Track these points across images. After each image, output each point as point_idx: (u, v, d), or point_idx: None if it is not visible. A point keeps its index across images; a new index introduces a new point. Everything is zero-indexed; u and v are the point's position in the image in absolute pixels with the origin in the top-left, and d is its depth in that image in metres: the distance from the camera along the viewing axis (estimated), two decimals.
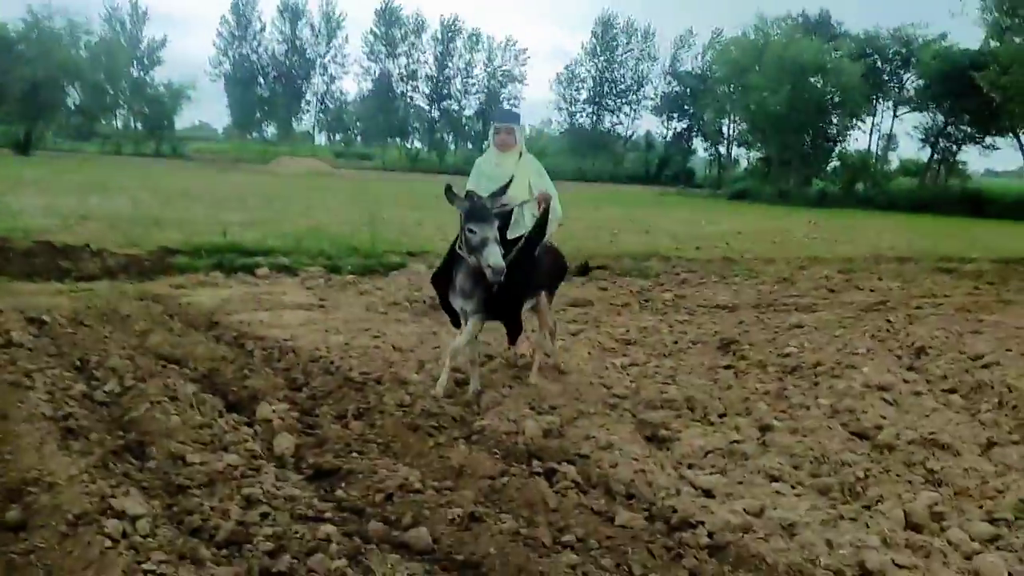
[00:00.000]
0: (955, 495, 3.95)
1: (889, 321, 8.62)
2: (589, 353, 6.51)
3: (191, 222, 13.78)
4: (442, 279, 5.09)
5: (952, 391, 5.88)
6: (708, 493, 3.78)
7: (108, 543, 2.84)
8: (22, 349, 5.40)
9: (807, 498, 3.78)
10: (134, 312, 6.88)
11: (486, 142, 5.59)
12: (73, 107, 52.05)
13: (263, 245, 11.08)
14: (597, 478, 3.82)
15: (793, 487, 3.92)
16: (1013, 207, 36.83)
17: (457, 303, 4.94)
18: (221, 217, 15.07)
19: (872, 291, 11.08)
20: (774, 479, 4.00)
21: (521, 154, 5.22)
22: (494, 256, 4.35)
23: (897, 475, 4.15)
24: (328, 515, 3.18)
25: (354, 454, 3.87)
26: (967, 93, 35.67)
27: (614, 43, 77.46)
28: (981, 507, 3.80)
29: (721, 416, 4.99)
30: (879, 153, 50.16)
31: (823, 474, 4.10)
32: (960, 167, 48.40)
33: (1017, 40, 16.75)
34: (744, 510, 3.57)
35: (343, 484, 3.57)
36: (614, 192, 46.58)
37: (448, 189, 4.53)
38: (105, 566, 2.74)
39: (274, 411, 4.39)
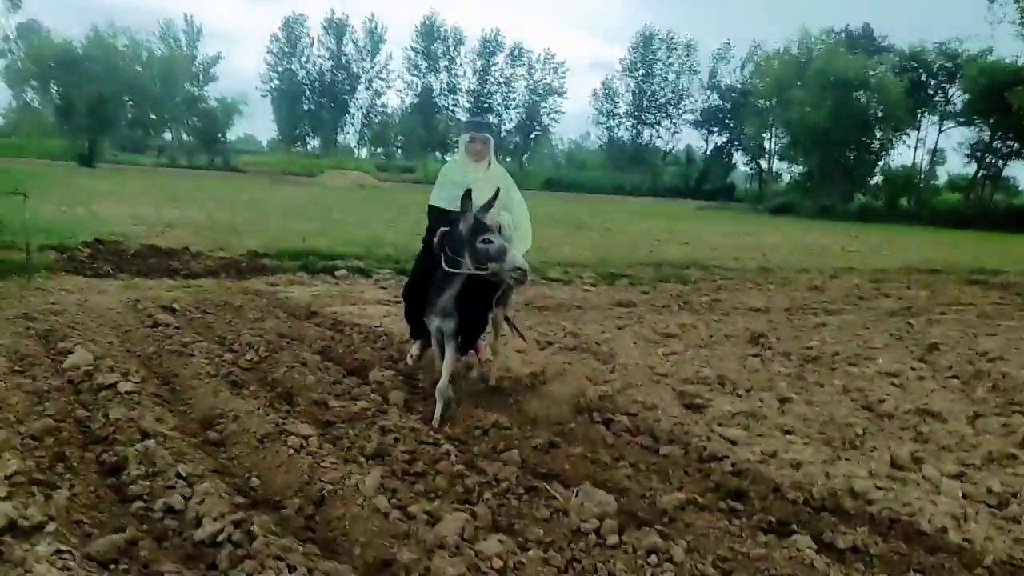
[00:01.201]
0: (937, 448, 4.85)
1: (909, 323, 9.46)
2: (634, 343, 7.48)
3: (265, 230, 15.12)
4: (413, 294, 5.09)
5: (954, 378, 6.75)
6: (733, 442, 4.75)
7: (291, 452, 3.94)
8: (170, 328, 6.61)
9: (813, 446, 4.73)
10: (244, 303, 8.09)
11: (451, 154, 5.73)
12: (134, 121, 54.64)
13: (336, 250, 12.30)
14: (644, 427, 4.83)
15: (803, 439, 4.87)
16: None
17: (434, 323, 4.78)
18: (289, 226, 16.43)
19: (900, 299, 11.85)
20: (787, 432, 4.95)
21: (490, 163, 5.12)
22: (518, 258, 4.33)
23: (891, 433, 5.08)
24: (443, 442, 4.24)
25: (452, 406, 4.92)
26: (1012, 108, 35.79)
27: (654, 57, 78.19)
28: (956, 457, 4.70)
29: (748, 390, 5.94)
30: (927, 168, 50.24)
31: (829, 432, 5.04)
32: (1009, 182, 48.25)
33: None
34: (761, 451, 4.54)
35: (449, 424, 4.63)
36: (654, 205, 47.37)
37: (467, 195, 4.42)
38: (292, 466, 3.83)
39: (383, 376, 5.49)
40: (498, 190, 4.67)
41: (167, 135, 69.68)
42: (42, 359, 5.49)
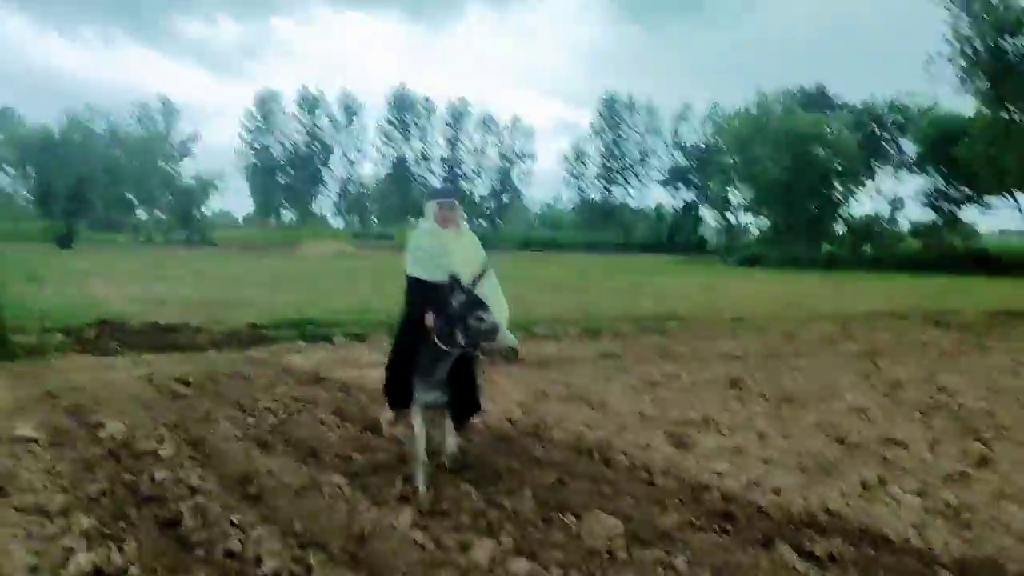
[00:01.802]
0: (901, 471, 5.41)
1: (875, 364, 10.12)
2: (622, 392, 8.02)
3: (256, 303, 15.56)
4: (399, 367, 5.01)
5: (916, 410, 7.35)
6: (720, 473, 5.27)
7: (328, 499, 4.41)
8: (189, 398, 7.05)
9: (791, 474, 5.26)
10: (253, 373, 8.53)
11: (419, 219, 5.24)
12: (111, 201, 55.15)
13: (330, 318, 12.79)
14: (640, 464, 5.34)
15: (782, 468, 5.40)
16: (1018, 264, 38.21)
17: (430, 397, 4.72)
18: (279, 297, 16.91)
19: (866, 342, 12.54)
20: (767, 463, 5.49)
21: (459, 229, 5.05)
22: (511, 338, 4.39)
23: (860, 460, 5.63)
24: (462, 484, 4.73)
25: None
26: (958, 161, 37.63)
27: (618, 120, 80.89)
28: (917, 477, 5.26)
29: (730, 429, 6.49)
30: (888, 216, 52.05)
31: (804, 461, 5.58)
32: (965, 227, 50.04)
33: (986, 111, 18.47)
34: (746, 479, 5.07)
35: (466, 470, 5.11)
36: (627, 261, 48.47)
37: (454, 281, 4.53)
38: (331, 511, 4.30)
39: (396, 431, 5.96)
40: (486, 263, 4.74)
41: (142, 214, 70.18)
42: (78, 432, 5.91)
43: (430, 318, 4.62)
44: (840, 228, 50.63)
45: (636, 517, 4.29)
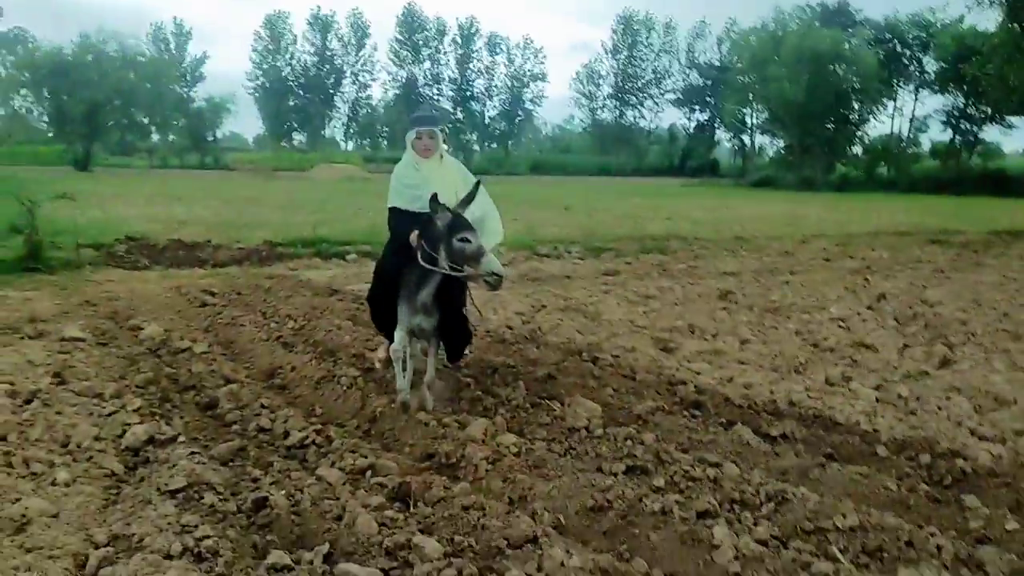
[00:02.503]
0: (866, 371, 5.94)
1: (866, 279, 10.56)
2: (618, 304, 8.54)
3: (272, 223, 16.06)
4: (381, 297, 4.98)
5: (894, 320, 7.84)
6: (698, 372, 5.81)
7: (344, 389, 5.00)
8: (216, 306, 7.64)
9: (763, 373, 5.81)
10: (272, 286, 9.11)
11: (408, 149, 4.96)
12: (126, 125, 55.24)
13: (343, 238, 13.30)
14: (625, 364, 5.89)
15: (756, 368, 5.94)
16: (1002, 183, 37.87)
17: (414, 321, 4.61)
18: (293, 218, 17.39)
19: (862, 259, 12.96)
20: (743, 364, 6.03)
21: (442, 157, 4.94)
22: (495, 263, 4.26)
23: (829, 361, 6.16)
24: (464, 377, 5.30)
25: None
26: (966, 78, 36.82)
27: (634, 39, 78.94)
28: (879, 375, 5.79)
29: (714, 335, 7.02)
30: (909, 136, 51.29)
31: (778, 363, 6.11)
32: (987, 147, 49.22)
33: (1005, 25, 18.00)
34: (720, 377, 5.62)
35: (467, 364, 5.68)
36: (639, 185, 48.40)
37: (434, 199, 4.26)
38: (347, 398, 4.89)
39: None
40: (478, 182, 4.64)
41: (155, 137, 70.23)
42: (120, 333, 6.53)
43: (415, 236, 4.48)
44: (857, 149, 50.05)
45: (615, 404, 4.86)
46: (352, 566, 2.86)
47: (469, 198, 4.51)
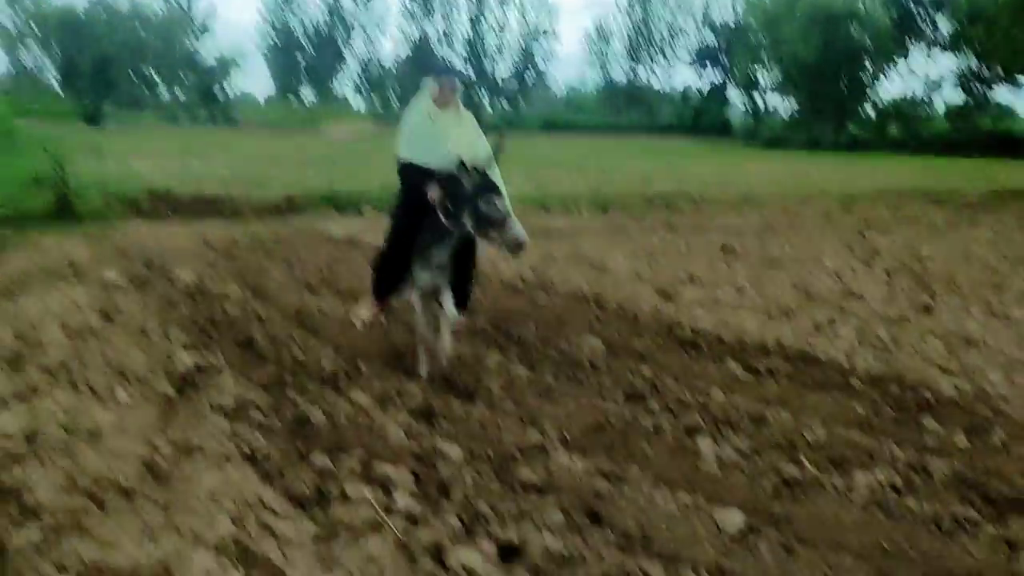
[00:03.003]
0: (851, 316, 6.35)
1: (863, 235, 10.91)
2: (623, 257, 8.94)
3: (287, 178, 16.41)
4: (395, 255, 4.79)
5: (885, 272, 8.22)
6: (695, 317, 6.25)
7: (368, 328, 5.46)
8: (242, 257, 8.10)
9: (756, 318, 6.23)
10: (292, 238, 9.55)
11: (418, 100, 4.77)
12: (137, 80, 55.28)
13: (359, 193, 13.68)
14: (628, 309, 6.33)
15: (749, 313, 6.36)
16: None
17: (426, 278, 4.54)
18: (308, 174, 17.73)
19: (863, 218, 13.27)
20: (738, 309, 6.45)
21: (459, 109, 4.73)
22: (519, 229, 4.10)
23: (819, 308, 6.57)
24: (479, 321, 5.75)
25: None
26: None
27: None
28: (862, 319, 6.20)
29: (712, 285, 7.43)
30: (923, 97, 50.73)
31: (772, 310, 6.53)
32: (1000, 109, 48.67)
33: None
34: (715, 320, 6.05)
35: (480, 312, 6.13)
36: (651, 144, 48.27)
37: (461, 163, 4.21)
38: (371, 335, 5.36)
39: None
40: (502, 137, 4.55)
41: (164, 93, 70.03)
42: (156, 278, 6.99)
43: (434, 191, 4.34)
44: (868, 110, 49.64)
45: (617, 342, 5.31)
46: (387, 466, 3.34)
47: (497, 153, 4.38)
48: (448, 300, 4.60)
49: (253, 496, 3.08)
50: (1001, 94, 46.41)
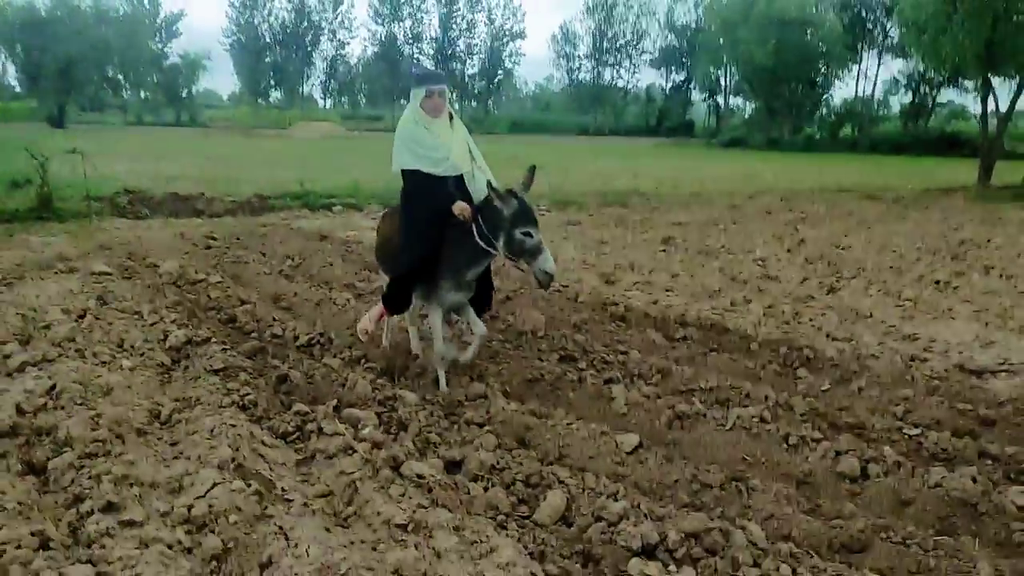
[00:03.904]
0: (766, 296, 7.22)
1: (796, 228, 11.85)
2: (574, 247, 9.75)
3: (257, 178, 16.97)
4: (419, 268, 4.51)
5: (807, 260, 9.13)
6: (630, 298, 7.06)
7: (338, 308, 6.18)
8: (219, 248, 8.75)
9: (683, 298, 7.07)
10: (267, 232, 10.20)
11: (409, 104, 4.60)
12: (101, 81, 54.95)
13: (329, 191, 14.35)
14: (571, 291, 7.13)
15: (678, 295, 7.20)
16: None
17: (456, 297, 4.53)
18: (278, 174, 18.29)
19: (801, 212, 14.24)
20: (668, 291, 7.29)
21: (452, 117, 4.59)
22: (550, 262, 4.13)
23: (739, 290, 7.44)
24: None
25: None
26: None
27: (614, 0, 78.96)
28: (774, 298, 7.07)
29: (650, 272, 8.27)
30: (879, 99, 52.57)
31: (698, 291, 7.38)
32: (951, 109, 50.62)
33: None
34: (647, 300, 6.87)
35: None
36: (614, 145, 49.35)
37: (490, 185, 4.23)
38: (342, 315, 6.08)
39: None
40: (533, 167, 4.52)
41: (127, 94, 69.56)
42: (141, 269, 7.63)
43: (461, 206, 4.28)
44: (823, 112, 51.32)
45: (558, 316, 6.11)
46: (355, 411, 4.08)
47: (528, 183, 4.38)
48: (473, 315, 4.64)
49: (246, 432, 3.79)
50: (959, 96, 48.19)
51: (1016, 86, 19.81)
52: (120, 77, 58.04)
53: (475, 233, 4.27)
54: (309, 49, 79.36)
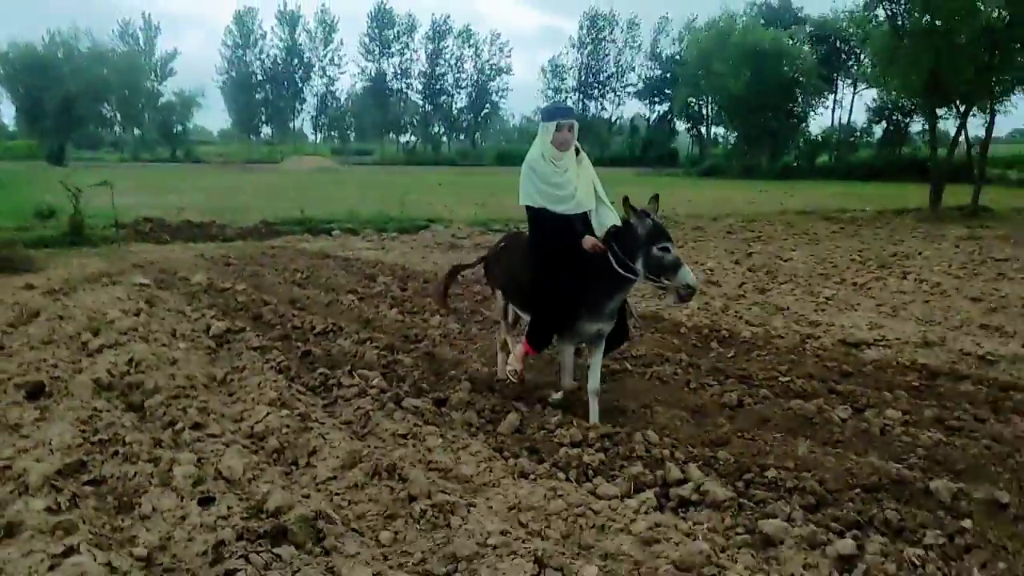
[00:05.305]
0: (707, 297, 8.54)
1: (749, 245, 13.24)
2: None
3: (260, 208, 18.34)
4: (559, 302, 4.51)
5: (749, 270, 10.50)
6: None
7: (344, 307, 7.47)
8: (237, 266, 10.05)
9: (633, 299, 8.38)
10: (276, 253, 11.52)
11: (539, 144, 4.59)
12: (99, 119, 56.51)
13: (328, 218, 15.71)
14: None
15: (630, 297, 8.51)
16: (953, 173, 41.27)
17: (594, 328, 4.55)
18: (279, 204, 19.65)
19: (759, 233, 15.66)
20: None
21: (578, 152, 4.66)
22: (690, 275, 4.15)
23: None
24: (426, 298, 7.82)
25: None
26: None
27: (598, 36, 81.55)
28: (712, 298, 8.40)
29: None
30: (861, 126, 54.66)
31: (648, 293, 8.70)
32: (933, 136, 52.71)
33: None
34: None
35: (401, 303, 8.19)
36: (600, 173, 50.96)
37: (626, 201, 4.26)
38: (350, 312, 7.37)
39: (387, 280, 9.01)
40: (656, 196, 4.56)
41: (122, 131, 71.09)
42: (174, 281, 8.92)
43: (592, 242, 4.35)
44: (799, 140, 53.23)
45: None
46: (365, 371, 5.35)
47: (656, 206, 4.43)
48: (598, 360, 4.65)
49: (284, 385, 5.07)
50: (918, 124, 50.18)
51: (989, 116, 21.23)
52: (117, 115, 59.47)
53: (613, 261, 4.30)
54: (300, 85, 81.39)
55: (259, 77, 79.63)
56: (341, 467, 3.80)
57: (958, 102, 21.04)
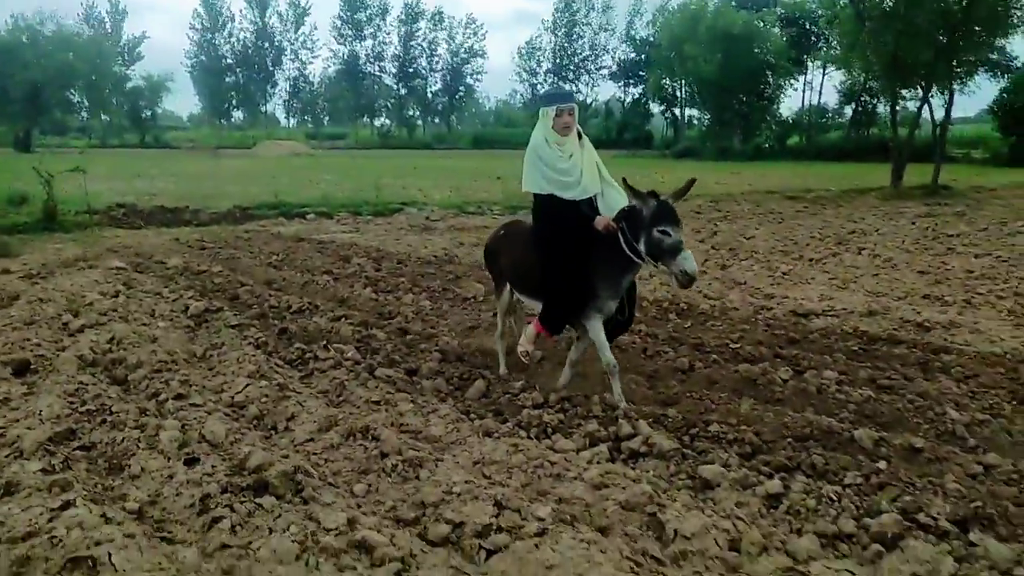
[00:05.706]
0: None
1: (716, 224, 13.62)
2: None
3: (233, 193, 18.40)
4: (572, 285, 4.49)
5: (713, 247, 10.87)
6: None
7: (320, 286, 7.71)
8: (213, 249, 10.22)
9: None
10: (251, 237, 11.68)
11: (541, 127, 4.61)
12: (65, 105, 55.61)
13: (302, 202, 15.84)
14: None
15: None
16: (918, 153, 42.15)
17: (608, 307, 4.55)
18: (252, 189, 19.72)
19: (726, 212, 16.06)
20: None
21: (580, 135, 4.63)
22: (690, 262, 4.09)
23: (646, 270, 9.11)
24: (402, 280, 8.08)
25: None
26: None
27: (573, 19, 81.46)
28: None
29: None
30: (832, 107, 55.38)
31: None
32: (903, 116, 53.56)
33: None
34: None
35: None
36: None
37: (625, 183, 4.30)
38: (327, 291, 7.61)
39: (360, 262, 9.25)
40: (692, 180, 4.60)
41: (84, 116, 69.91)
42: (151, 264, 9.09)
43: (604, 221, 4.40)
44: (772, 122, 53.87)
45: None
46: (341, 345, 5.62)
47: (681, 193, 4.46)
48: (599, 326, 4.59)
49: (263, 359, 5.32)
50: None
51: (947, 97, 21.83)
52: (84, 100, 58.55)
53: (622, 243, 4.33)
54: (271, 69, 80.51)
55: (229, 61, 78.68)
56: (318, 430, 4.07)
57: (921, 83, 21.55)
